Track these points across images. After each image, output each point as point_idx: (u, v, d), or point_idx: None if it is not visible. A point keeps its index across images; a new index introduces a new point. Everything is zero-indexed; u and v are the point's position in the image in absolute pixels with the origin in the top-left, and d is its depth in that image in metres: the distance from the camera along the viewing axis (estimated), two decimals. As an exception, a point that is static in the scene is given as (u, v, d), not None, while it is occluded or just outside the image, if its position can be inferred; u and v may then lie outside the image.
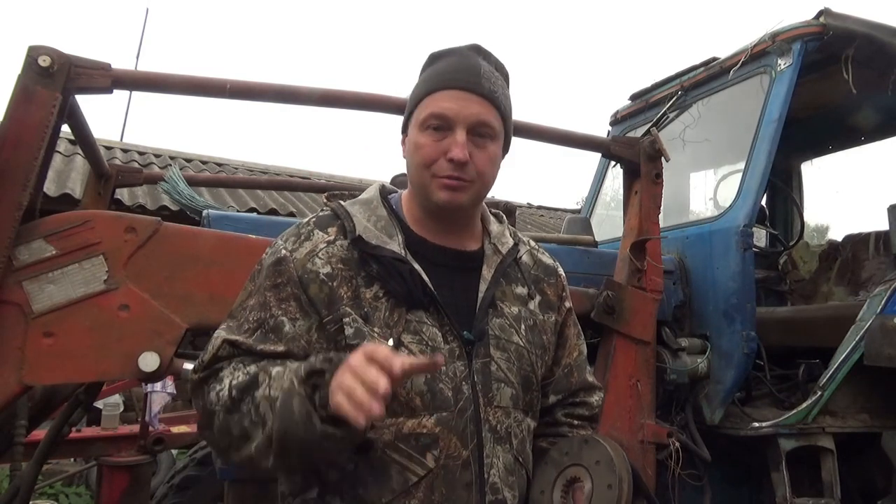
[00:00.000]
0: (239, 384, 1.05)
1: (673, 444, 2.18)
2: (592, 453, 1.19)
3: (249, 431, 1.02)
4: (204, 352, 1.14)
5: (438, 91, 1.15)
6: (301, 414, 0.95)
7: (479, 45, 1.22)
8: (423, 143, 1.14)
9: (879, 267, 3.52)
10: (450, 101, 1.13)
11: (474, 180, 1.15)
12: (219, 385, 1.08)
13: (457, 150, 1.11)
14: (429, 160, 1.14)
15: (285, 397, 0.97)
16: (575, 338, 1.38)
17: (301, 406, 0.95)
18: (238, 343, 1.11)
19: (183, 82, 1.80)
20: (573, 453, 1.22)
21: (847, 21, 2.68)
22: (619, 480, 1.13)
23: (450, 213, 1.19)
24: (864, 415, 2.62)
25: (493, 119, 1.16)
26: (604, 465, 1.16)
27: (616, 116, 3.68)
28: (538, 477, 1.23)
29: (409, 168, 1.19)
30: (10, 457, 1.89)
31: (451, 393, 1.12)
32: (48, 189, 5.27)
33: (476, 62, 1.18)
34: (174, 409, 4.97)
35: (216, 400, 1.07)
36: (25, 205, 1.56)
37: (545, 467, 1.24)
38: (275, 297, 1.13)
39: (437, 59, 1.21)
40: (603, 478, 1.15)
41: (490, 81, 1.17)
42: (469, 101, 1.13)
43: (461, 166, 1.12)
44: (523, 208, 10.76)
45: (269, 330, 1.12)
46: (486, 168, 1.16)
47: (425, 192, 1.16)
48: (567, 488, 1.19)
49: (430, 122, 1.14)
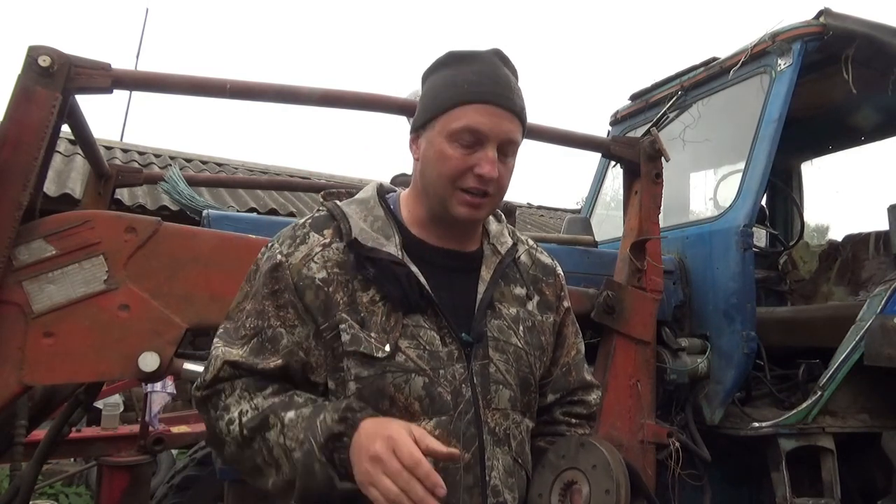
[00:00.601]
0: (249, 423, 1.08)
1: (673, 444, 2.18)
2: (589, 457, 1.19)
3: (262, 469, 1.08)
4: (205, 370, 1.15)
5: (473, 104, 1.12)
6: (323, 477, 1.00)
7: (500, 50, 1.20)
8: (451, 155, 1.12)
9: (879, 267, 3.52)
10: (485, 116, 1.12)
11: (495, 196, 1.16)
12: (227, 414, 1.10)
13: (488, 168, 1.11)
14: (456, 173, 1.12)
15: (306, 461, 1.01)
16: (573, 336, 1.38)
17: (322, 471, 1.00)
18: (238, 364, 1.12)
19: (183, 82, 1.80)
20: (570, 456, 1.22)
21: (847, 21, 2.68)
22: (617, 486, 1.13)
23: (464, 226, 1.20)
24: (864, 415, 2.62)
25: (518, 136, 1.17)
26: (601, 469, 1.16)
27: (616, 116, 3.68)
28: (536, 480, 1.23)
29: (428, 175, 1.16)
30: (10, 457, 1.89)
31: (451, 396, 1.11)
32: (48, 189, 5.27)
33: (505, 73, 1.16)
34: (174, 409, 4.97)
35: (227, 431, 1.10)
36: (25, 205, 1.56)
37: (542, 470, 1.24)
38: (272, 305, 1.13)
39: (460, 62, 1.17)
40: (600, 482, 1.15)
41: (519, 97, 1.17)
42: (502, 118, 1.13)
43: (488, 182, 1.12)
44: (523, 208, 10.76)
45: (267, 340, 1.12)
46: (505, 183, 1.18)
47: (443, 204, 1.15)
48: (565, 492, 1.19)
49: (462, 137, 1.12)
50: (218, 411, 1.12)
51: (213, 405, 1.13)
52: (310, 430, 1.02)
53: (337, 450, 1.01)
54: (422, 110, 1.19)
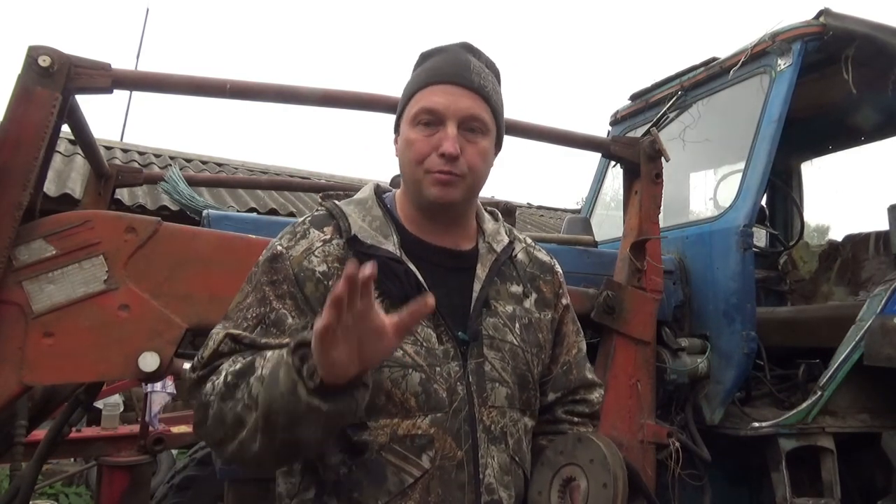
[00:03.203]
0: (235, 370, 1.03)
1: (673, 444, 2.17)
2: (586, 452, 1.19)
3: (243, 416, 0.99)
4: (203, 347, 1.12)
5: (428, 86, 1.15)
6: (286, 384, 0.91)
7: (469, 43, 1.22)
8: (414, 139, 1.14)
9: (879, 267, 3.52)
10: (440, 95, 1.13)
11: (465, 175, 1.14)
12: (217, 377, 1.06)
13: (448, 144, 1.11)
14: (420, 156, 1.13)
15: (273, 370, 0.95)
16: (574, 335, 1.38)
17: (286, 375, 0.91)
18: (240, 338, 1.09)
19: (183, 82, 1.80)
20: (567, 452, 1.22)
21: (847, 21, 2.68)
22: (614, 479, 1.13)
23: (442, 210, 1.18)
24: (864, 415, 2.62)
25: (483, 113, 1.15)
26: (598, 463, 1.16)
27: (616, 116, 3.68)
28: (535, 477, 1.23)
29: (402, 165, 1.19)
30: (10, 457, 1.89)
31: (446, 394, 1.12)
32: (48, 189, 5.27)
33: (465, 58, 1.18)
34: (174, 409, 4.97)
35: (211, 390, 1.04)
36: (25, 205, 1.56)
37: (541, 468, 1.24)
38: (273, 293, 1.12)
39: (428, 57, 1.21)
40: (598, 477, 1.15)
41: (480, 76, 1.17)
42: (459, 95, 1.13)
43: (452, 160, 1.11)
44: (523, 208, 10.76)
45: (271, 324, 1.10)
46: (477, 163, 1.15)
47: (418, 189, 1.16)
48: (564, 488, 1.19)
49: (420, 118, 1.14)
50: (209, 379, 1.06)
51: (208, 381, 1.07)
52: (284, 350, 0.96)
53: (307, 358, 0.91)
54: (397, 109, 1.24)
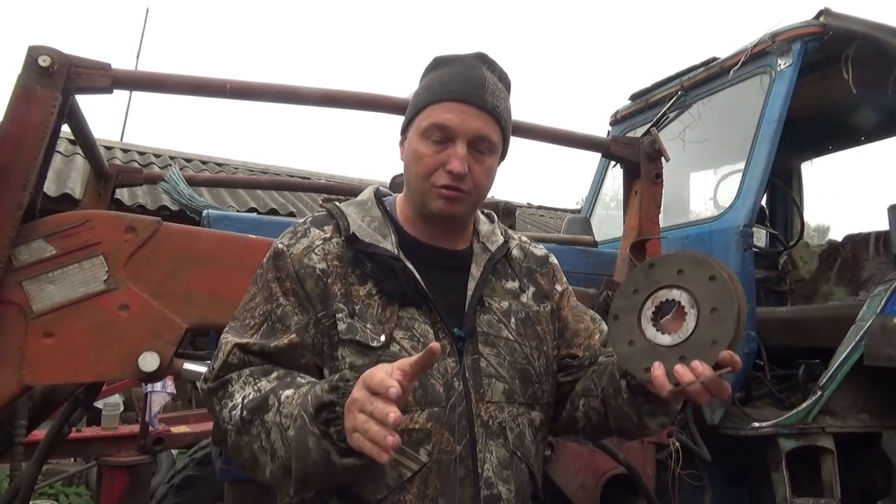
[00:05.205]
0: (250, 404, 1.05)
1: (673, 444, 2.18)
2: (701, 271, 0.99)
3: (259, 457, 1.03)
4: (213, 360, 1.14)
5: (442, 102, 1.16)
6: (318, 453, 0.94)
7: (484, 53, 1.23)
8: (423, 153, 1.16)
9: (879, 267, 3.52)
10: (453, 113, 1.15)
11: (471, 192, 1.17)
12: (230, 402, 1.08)
13: (456, 163, 1.13)
14: (428, 171, 1.16)
15: (299, 436, 0.96)
16: (589, 321, 1.36)
17: (317, 446, 0.94)
18: (248, 347, 1.11)
19: (183, 82, 1.80)
20: (669, 277, 1.00)
21: (847, 21, 2.68)
22: (739, 299, 0.95)
23: (445, 221, 1.21)
24: (864, 415, 2.62)
25: (493, 134, 1.18)
26: (720, 282, 0.97)
27: (616, 116, 3.68)
28: (614, 330, 1.12)
29: (408, 174, 1.21)
30: (10, 457, 1.90)
31: (443, 389, 1.13)
32: (48, 189, 5.27)
33: (481, 73, 1.19)
34: (174, 409, 4.97)
35: (229, 419, 1.07)
36: (25, 205, 1.56)
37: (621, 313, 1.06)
38: (279, 288, 1.14)
39: (442, 65, 1.22)
40: (716, 298, 0.95)
41: (494, 95, 1.18)
42: (471, 115, 1.15)
43: (460, 178, 1.14)
44: (523, 208, 10.76)
45: (277, 320, 1.13)
46: (482, 181, 1.19)
47: (422, 200, 1.18)
48: (657, 315, 1.03)
49: (431, 133, 1.16)
50: (223, 401, 1.10)
51: (220, 397, 1.11)
52: (303, 405, 0.98)
53: (332, 422, 0.94)
54: (406, 114, 1.25)
